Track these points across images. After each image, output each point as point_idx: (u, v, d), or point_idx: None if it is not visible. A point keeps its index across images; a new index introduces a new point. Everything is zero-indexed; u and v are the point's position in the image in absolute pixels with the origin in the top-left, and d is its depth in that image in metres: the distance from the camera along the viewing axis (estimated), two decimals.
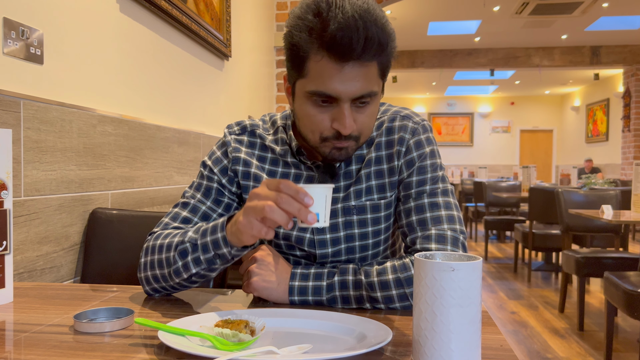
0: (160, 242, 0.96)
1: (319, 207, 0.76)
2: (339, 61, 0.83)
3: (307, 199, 0.74)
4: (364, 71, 0.85)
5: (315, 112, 0.89)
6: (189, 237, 0.90)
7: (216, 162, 1.05)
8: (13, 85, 1.21)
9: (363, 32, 0.81)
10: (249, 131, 1.07)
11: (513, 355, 0.68)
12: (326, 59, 0.84)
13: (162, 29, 2.01)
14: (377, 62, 0.87)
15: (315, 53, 0.85)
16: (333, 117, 0.88)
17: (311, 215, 0.74)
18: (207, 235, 0.87)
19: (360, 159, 1.02)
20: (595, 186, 4.34)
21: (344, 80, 0.84)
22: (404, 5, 6.61)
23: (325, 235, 1.01)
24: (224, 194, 1.05)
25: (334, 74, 0.84)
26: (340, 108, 0.87)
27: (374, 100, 0.90)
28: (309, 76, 0.87)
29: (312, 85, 0.87)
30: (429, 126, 1.04)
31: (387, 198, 1.01)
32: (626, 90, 9.21)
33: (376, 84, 0.88)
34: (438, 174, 1.00)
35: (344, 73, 0.84)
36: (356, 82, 0.85)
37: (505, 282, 4.70)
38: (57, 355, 0.67)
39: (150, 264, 0.96)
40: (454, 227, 0.95)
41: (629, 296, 2.32)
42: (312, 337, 0.75)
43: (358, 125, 0.90)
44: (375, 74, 0.88)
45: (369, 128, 0.93)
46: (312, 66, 0.86)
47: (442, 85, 12.42)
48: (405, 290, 0.89)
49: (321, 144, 0.92)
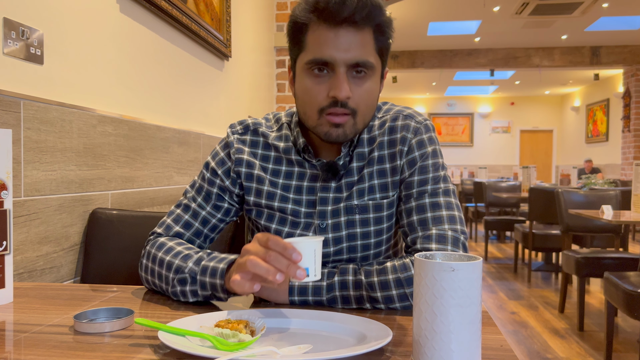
0: (161, 255, 0.98)
1: (308, 261, 0.76)
2: (332, 26, 0.88)
3: (295, 255, 0.74)
4: (358, 38, 0.89)
5: (313, 83, 0.92)
6: (190, 268, 0.92)
7: (220, 163, 1.06)
8: (13, 86, 1.21)
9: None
10: (251, 130, 1.07)
11: (513, 356, 0.68)
12: (322, 27, 0.89)
13: (162, 29, 2.01)
14: (373, 33, 0.91)
15: (313, 23, 0.90)
16: (330, 86, 0.90)
17: (300, 271, 0.74)
18: (206, 274, 0.90)
19: (361, 156, 1.02)
20: (595, 186, 4.34)
21: (338, 44, 0.88)
22: (404, 5, 6.61)
23: (327, 235, 1.02)
24: (224, 198, 1.06)
25: (329, 40, 0.88)
26: (336, 74, 0.90)
27: (371, 75, 0.92)
28: (307, 48, 0.92)
29: (309, 55, 0.91)
30: (431, 126, 1.04)
31: (389, 197, 1.02)
32: (626, 91, 9.21)
33: (373, 57, 0.91)
34: (440, 174, 1.00)
35: (339, 37, 0.88)
36: (350, 47, 0.89)
37: (505, 282, 4.70)
38: (57, 356, 0.67)
39: (151, 272, 0.99)
40: (455, 227, 0.95)
41: (629, 296, 2.32)
42: (312, 337, 0.75)
43: (355, 98, 0.91)
44: (371, 45, 0.91)
45: (366, 105, 0.93)
46: (310, 37, 0.91)
47: (442, 86, 12.42)
48: (406, 290, 0.89)
49: (318, 121, 0.93)
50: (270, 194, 1.03)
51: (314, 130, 0.95)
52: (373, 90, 0.94)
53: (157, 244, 1.00)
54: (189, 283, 0.92)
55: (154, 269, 0.98)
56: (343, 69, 0.89)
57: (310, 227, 1.02)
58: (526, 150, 13.82)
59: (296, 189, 1.03)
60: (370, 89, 0.93)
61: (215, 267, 0.89)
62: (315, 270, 0.77)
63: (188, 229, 1.05)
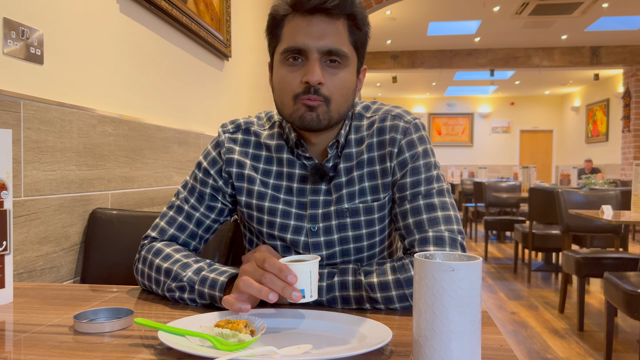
0: (158, 262, 0.98)
1: (304, 283, 0.78)
2: (305, 15, 0.91)
3: (290, 277, 0.76)
4: (331, 27, 0.91)
5: (287, 72, 0.93)
6: (189, 277, 0.92)
7: (211, 163, 1.05)
8: (13, 86, 1.21)
9: None
10: (243, 129, 1.07)
11: (513, 356, 0.68)
12: (297, 17, 0.92)
13: (162, 29, 2.01)
14: (347, 24, 0.93)
15: (289, 15, 0.93)
16: (303, 73, 0.92)
17: (296, 292, 0.76)
18: (205, 285, 0.90)
19: (349, 157, 1.01)
20: (595, 186, 4.34)
21: (311, 32, 0.90)
22: (404, 5, 6.61)
23: (319, 238, 1.01)
24: (217, 198, 1.05)
25: (302, 28, 0.91)
26: (309, 60, 0.91)
27: (345, 65, 0.93)
28: (282, 38, 0.94)
29: (284, 44, 0.93)
30: (421, 125, 1.03)
31: (380, 200, 1.00)
32: (626, 91, 9.21)
33: (346, 47, 0.93)
34: (432, 174, 0.99)
35: (312, 26, 0.91)
36: (323, 35, 0.90)
37: (505, 282, 4.70)
38: (57, 356, 0.67)
39: (148, 277, 0.99)
40: (452, 227, 0.94)
41: (629, 296, 2.32)
42: (312, 337, 0.75)
43: (328, 85, 0.92)
44: (345, 37, 0.93)
45: (340, 94, 0.94)
46: (286, 28, 0.93)
47: (442, 86, 12.42)
48: (405, 291, 0.89)
49: (294, 107, 0.93)
50: (261, 194, 1.02)
51: (290, 119, 0.95)
52: (347, 80, 0.94)
53: (154, 250, 1.00)
54: (187, 291, 0.92)
55: (150, 274, 0.98)
56: (316, 55, 0.91)
57: (301, 231, 1.01)
58: (526, 151, 13.82)
59: (287, 189, 1.02)
60: (344, 79, 0.94)
61: (216, 279, 0.89)
62: (311, 291, 0.79)
63: (182, 231, 1.04)
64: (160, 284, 0.96)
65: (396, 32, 8.07)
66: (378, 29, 7.80)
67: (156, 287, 0.97)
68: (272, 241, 1.04)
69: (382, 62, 9.29)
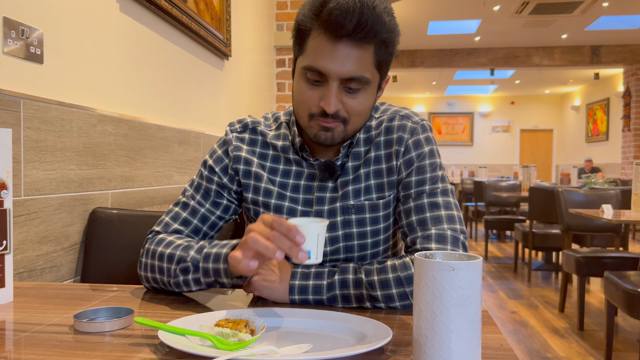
0: (161, 249, 0.97)
1: (311, 244, 0.78)
2: (332, 38, 0.86)
3: (298, 237, 0.75)
4: (356, 53, 0.87)
5: (306, 88, 0.92)
6: (192, 257, 0.92)
7: (217, 161, 1.06)
8: (13, 85, 1.21)
9: (358, 13, 0.84)
10: (250, 129, 1.08)
11: (513, 355, 0.68)
12: (322, 36, 0.87)
13: (162, 29, 2.00)
14: (374, 50, 0.89)
15: (315, 30, 0.89)
16: (321, 96, 0.90)
17: (302, 253, 0.75)
18: (209, 261, 0.90)
19: (357, 156, 1.02)
20: (596, 186, 4.34)
21: (335, 57, 0.87)
22: (404, 4, 6.61)
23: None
24: (223, 195, 1.06)
25: (326, 51, 0.87)
26: (328, 86, 0.89)
27: (366, 89, 0.92)
28: (306, 52, 0.91)
29: (307, 60, 0.90)
30: (428, 126, 1.04)
31: (385, 198, 1.02)
32: (626, 90, 9.21)
33: (369, 72, 0.90)
34: (437, 174, 1.00)
35: (336, 50, 0.87)
36: (346, 62, 0.87)
37: (505, 281, 4.70)
38: (57, 355, 0.67)
39: (151, 268, 0.98)
40: (454, 226, 0.95)
41: (629, 296, 2.32)
42: (312, 337, 0.75)
43: (346, 108, 0.91)
44: (370, 61, 0.89)
45: (359, 115, 0.93)
46: (311, 42, 0.90)
47: (442, 85, 12.42)
48: (406, 289, 0.89)
49: (309, 123, 0.94)
50: (267, 191, 1.03)
51: (305, 129, 0.96)
52: (366, 102, 0.93)
53: (156, 240, 1.00)
54: (191, 272, 0.92)
55: (154, 264, 0.97)
56: (336, 83, 0.89)
57: None
58: (526, 150, 13.82)
59: (293, 187, 1.03)
60: (363, 102, 0.92)
61: (219, 252, 0.90)
62: (317, 253, 0.78)
63: (187, 225, 1.04)
64: (164, 272, 0.95)
65: None
66: None
67: (160, 276, 0.96)
68: None
69: None
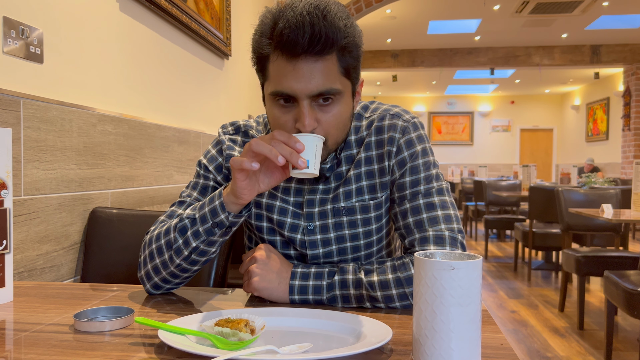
0: (158, 231, 0.97)
1: (309, 154, 0.82)
2: (290, 58, 0.84)
3: (298, 144, 0.80)
4: (319, 67, 0.84)
5: (280, 113, 0.89)
6: (187, 214, 0.93)
7: (211, 160, 1.06)
8: (13, 85, 1.21)
9: (309, 27, 0.81)
10: (242, 131, 1.08)
11: (513, 354, 0.68)
12: (280, 58, 0.85)
13: (162, 28, 2.00)
14: (337, 59, 0.86)
15: (272, 54, 0.86)
16: (295, 117, 0.87)
17: (302, 159, 0.80)
18: (204, 207, 0.90)
19: (351, 159, 1.01)
20: (596, 185, 4.34)
21: (298, 77, 0.84)
22: (404, 4, 6.61)
23: (315, 236, 1.01)
24: None
25: (288, 72, 0.84)
26: (300, 106, 0.86)
27: (338, 99, 0.89)
28: (270, 78, 0.88)
29: (272, 86, 0.88)
30: (420, 123, 1.02)
31: (377, 199, 1.00)
32: (626, 89, 9.20)
33: (337, 82, 0.87)
34: (431, 173, 0.99)
35: (297, 69, 0.84)
36: (311, 79, 0.84)
37: (505, 281, 4.70)
38: (57, 355, 0.67)
39: (150, 255, 0.96)
40: (452, 226, 0.95)
41: (629, 295, 2.32)
42: (312, 336, 0.75)
43: (323, 125, 0.88)
44: (335, 70, 0.86)
45: (337, 129, 0.91)
46: (272, 67, 0.87)
47: (442, 84, 12.41)
48: (405, 289, 0.89)
49: None
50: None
51: None
52: (342, 112, 0.90)
53: (150, 232, 1.00)
54: (189, 228, 0.90)
55: (152, 249, 0.96)
56: (306, 102, 0.85)
57: (297, 229, 1.01)
58: (526, 149, 13.82)
59: (284, 190, 1.02)
60: (338, 113, 0.89)
61: (212, 195, 0.91)
62: (315, 164, 0.83)
63: None
64: (163, 250, 0.93)
65: (396, 30, 8.07)
66: (378, 28, 7.80)
67: (160, 258, 0.94)
68: (272, 236, 1.04)
69: (382, 61, 9.28)
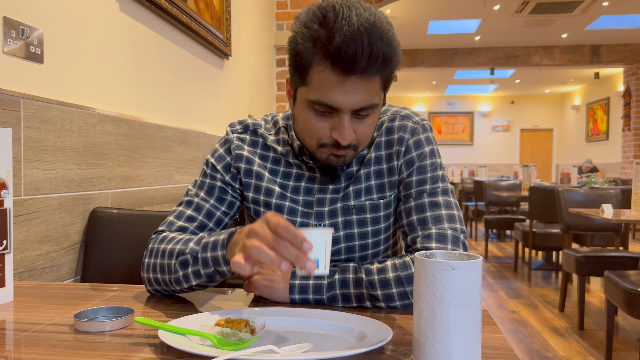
0: (163, 246, 0.96)
1: (319, 252, 0.71)
2: (342, 74, 0.82)
3: (305, 245, 0.69)
4: (366, 84, 0.85)
5: (315, 119, 0.89)
6: (190, 248, 0.90)
7: (219, 159, 1.06)
8: (13, 85, 1.21)
9: (368, 47, 0.80)
10: (251, 130, 1.08)
11: (513, 354, 0.68)
12: (329, 70, 0.83)
13: (162, 28, 2.00)
14: (381, 76, 0.86)
15: (318, 63, 0.84)
16: (332, 127, 0.89)
17: (310, 263, 0.69)
18: (207, 250, 0.87)
19: (361, 159, 1.03)
20: (596, 185, 4.34)
21: (346, 92, 0.84)
22: (404, 4, 6.61)
23: None
24: (227, 191, 1.05)
25: (336, 86, 0.84)
26: (340, 119, 0.87)
27: (374, 111, 0.91)
28: (311, 85, 0.87)
29: (313, 95, 0.87)
30: (428, 126, 1.05)
31: (386, 198, 1.02)
32: (626, 89, 9.20)
33: (378, 97, 0.89)
34: (438, 174, 1.01)
35: (346, 85, 0.83)
36: (358, 94, 0.85)
37: (505, 281, 4.70)
38: (57, 355, 0.67)
39: (153, 267, 0.96)
40: (455, 226, 0.95)
41: (629, 295, 2.32)
42: (313, 336, 0.75)
43: (357, 135, 0.91)
44: (378, 87, 0.88)
45: (367, 137, 0.94)
46: (315, 76, 0.85)
47: (442, 84, 12.41)
48: (406, 288, 0.89)
49: (318, 149, 0.93)
50: (268, 191, 1.04)
51: (312, 152, 0.96)
52: (374, 122, 0.94)
53: (159, 239, 0.99)
54: (190, 264, 0.89)
55: (155, 263, 0.95)
56: (348, 115, 0.87)
57: (306, 224, 1.02)
58: (526, 149, 13.82)
59: (293, 189, 1.03)
60: (372, 123, 0.93)
61: (216, 240, 0.87)
62: (325, 262, 0.72)
63: (192, 222, 1.02)
64: (165, 270, 0.93)
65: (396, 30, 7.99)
66: None
67: (162, 275, 0.94)
68: None
69: None
